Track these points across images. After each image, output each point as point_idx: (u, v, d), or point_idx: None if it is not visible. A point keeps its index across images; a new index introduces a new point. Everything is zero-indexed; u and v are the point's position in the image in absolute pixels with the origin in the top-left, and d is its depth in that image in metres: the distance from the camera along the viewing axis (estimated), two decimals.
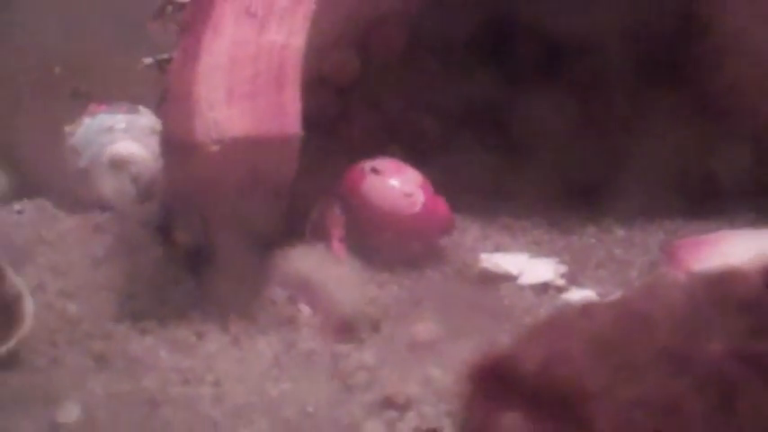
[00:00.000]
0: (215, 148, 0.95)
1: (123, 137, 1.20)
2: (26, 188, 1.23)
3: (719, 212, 1.14)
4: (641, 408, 0.46)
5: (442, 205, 1.09)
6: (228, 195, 0.97)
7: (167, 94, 1.01)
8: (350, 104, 1.21)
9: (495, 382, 0.46)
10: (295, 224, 1.06)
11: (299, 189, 1.04)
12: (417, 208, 1.07)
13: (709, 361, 0.47)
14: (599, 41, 1.20)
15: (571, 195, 1.16)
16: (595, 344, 0.48)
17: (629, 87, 1.23)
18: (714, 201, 1.15)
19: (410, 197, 1.07)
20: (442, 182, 1.10)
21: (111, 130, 1.20)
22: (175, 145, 0.99)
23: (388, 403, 0.84)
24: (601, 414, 0.46)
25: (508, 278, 1.04)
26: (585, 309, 0.52)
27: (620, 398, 0.46)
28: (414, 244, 1.07)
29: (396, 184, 1.08)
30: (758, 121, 1.20)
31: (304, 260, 1.02)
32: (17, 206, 1.21)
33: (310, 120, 0.98)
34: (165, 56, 1.08)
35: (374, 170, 1.08)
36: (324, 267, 1.01)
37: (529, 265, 1.06)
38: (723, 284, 0.50)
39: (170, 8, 1.08)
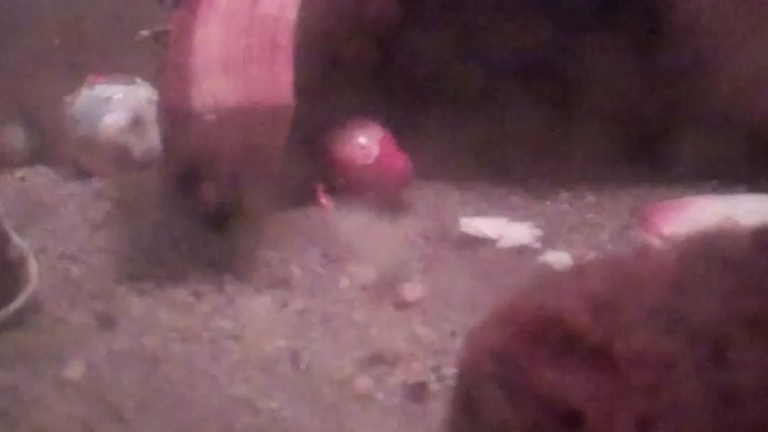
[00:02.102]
0: (210, 116, 0.93)
1: (120, 107, 1.18)
2: (27, 155, 1.21)
3: (684, 180, 1.14)
4: (636, 363, 0.45)
5: (399, 160, 1.11)
6: (223, 162, 0.96)
7: (165, 66, 0.99)
8: (391, 53, 1.18)
9: (514, 339, 0.45)
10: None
11: (313, 144, 1.04)
12: (370, 160, 1.10)
13: (700, 318, 0.46)
14: None
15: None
16: (590, 302, 0.47)
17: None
18: (679, 169, 1.14)
19: (364, 149, 1.10)
20: (478, 134, 1.11)
21: (108, 100, 1.18)
22: (173, 114, 0.97)
23: (377, 359, 0.84)
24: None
25: (487, 241, 1.04)
26: (578, 268, 0.51)
27: (616, 354, 0.45)
28: (368, 192, 1.09)
29: (355, 137, 1.11)
30: (719, 96, 1.19)
31: (323, 220, 1.03)
32: (19, 173, 1.19)
33: (348, 69, 0.96)
34: (162, 28, 1.05)
35: (340, 126, 1.11)
36: (343, 227, 1.02)
37: (506, 229, 1.06)
38: (712, 244, 0.49)
39: None
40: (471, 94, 1.19)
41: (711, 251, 0.49)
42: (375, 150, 1.10)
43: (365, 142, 1.10)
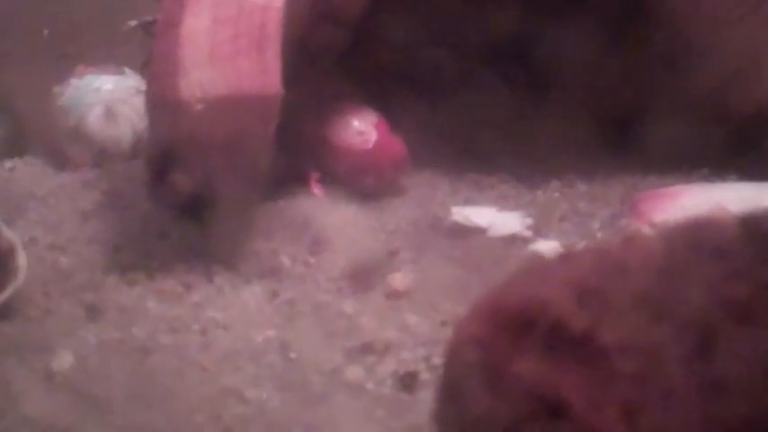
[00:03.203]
0: (199, 106, 0.92)
1: (110, 97, 1.17)
2: (16, 146, 1.20)
3: (675, 168, 1.13)
4: (623, 351, 0.44)
5: (396, 144, 1.10)
6: (211, 151, 0.95)
7: (153, 55, 0.98)
8: (362, 39, 1.17)
9: (499, 328, 0.44)
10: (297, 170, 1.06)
11: (306, 132, 1.03)
12: (370, 145, 1.09)
13: (688, 306, 0.45)
14: None
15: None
16: (576, 290, 0.47)
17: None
18: (670, 157, 1.14)
19: (363, 135, 1.09)
20: (453, 121, 1.10)
21: (98, 90, 1.17)
22: (160, 104, 0.96)
23: (367, 349, 0.83)
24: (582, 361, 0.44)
25: (478, 230, 1.03)
26: (565, 256, 0.50)
27: (603, 343, 0.44)
28: (368, 178, 1.09)
29: (351, 122, 1.10)
30: (708, 83, 1.19)
31: (313, 210, 1.03)
32: (8, 164, 1.18)
33: (319, 56, 0.95)
34: (149, 18, 1.05)
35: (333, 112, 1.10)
36: (332, 216, 1.02)
37: (497, 218, 1.05)
38: (699, 232, 0.48)
39: None
40: (445, 80, 1.19)
41: (699, 239, 0.48)
42: (373, 135, 1.09)
43: (363, 128, 1.10)
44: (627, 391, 0.43)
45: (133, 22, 1.09)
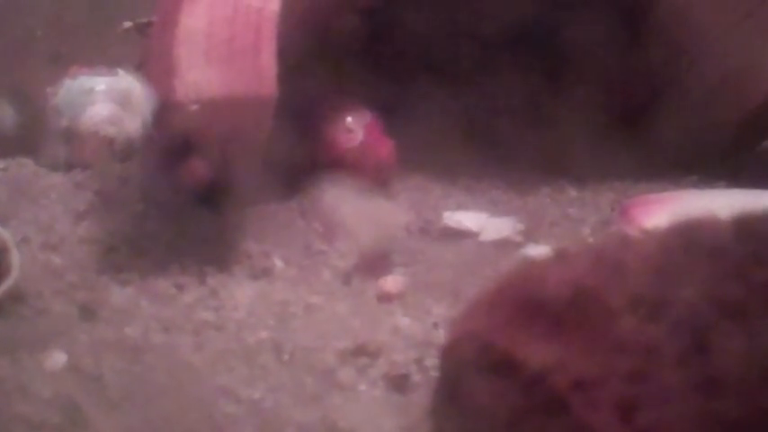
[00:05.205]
0: (194, 107, 0.93)
1: (103, 98, 1.17)
2: (8, 147, 1.20)
3: (665, 175, 1.14)
4: (619, 350, 0.45)
5: (383, 146, 1.11)
6: (206, 152, 0.95)
7: (148, 56, 0.99)
8: (380, 26, 1.18)
9: (499, 323, 0.45)
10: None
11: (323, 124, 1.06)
12: (355, 144, 1.10)
13: (683, 306, 0.46)
14: None
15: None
16: (573, 288, 0.47)
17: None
18: (661, 164, 1.15)
19: (351, 133, 1.10)
20: (476, 106, 1.11)
21: (91, 91, 1.17)
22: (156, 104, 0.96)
23: (359, 351, 0.84)
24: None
25: (469, 235, 1.04)
26: (561, 255, 0.51)
27: (600, 340, 0.45)
28: (350, 176, 1.08)
29: (343, 119, 1.11)
30: (698, 91, 1.20)
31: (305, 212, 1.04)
32: (0, 164, 1.18)
33: (338, 45, 0.96)
34: (144, 19, 1.05)
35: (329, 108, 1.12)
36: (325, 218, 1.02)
37: (488, 223, 1.06)
38: (694, 233, 0.49)
39: None
40: (459, 67, 1.19)
41: (694, 239, 0.49)
42: (360, 135, 1.10)
43: (352, 126, 1.11)
44: (624, 387, 0.44)
45: (128, 24, 1.09)
